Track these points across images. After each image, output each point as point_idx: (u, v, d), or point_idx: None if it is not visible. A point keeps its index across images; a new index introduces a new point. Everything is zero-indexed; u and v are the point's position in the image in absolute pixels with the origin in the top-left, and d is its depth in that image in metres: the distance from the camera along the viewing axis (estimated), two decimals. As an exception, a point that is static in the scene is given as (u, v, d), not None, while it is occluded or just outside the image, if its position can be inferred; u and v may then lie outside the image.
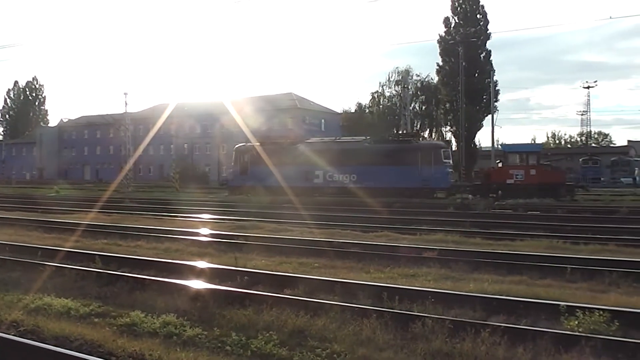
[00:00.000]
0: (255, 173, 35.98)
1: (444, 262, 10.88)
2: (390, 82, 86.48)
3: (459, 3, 59.86)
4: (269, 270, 10.29)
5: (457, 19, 59.82)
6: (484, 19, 59.62)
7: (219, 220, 20.48)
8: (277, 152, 36.03)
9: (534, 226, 17.34)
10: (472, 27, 57.40)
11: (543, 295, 8.19)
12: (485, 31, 59.26)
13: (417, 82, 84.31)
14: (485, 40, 59.18)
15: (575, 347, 5.79)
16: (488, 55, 59.46)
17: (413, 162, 33.16)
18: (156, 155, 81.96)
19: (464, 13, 59.49)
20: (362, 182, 33.61)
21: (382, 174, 33.30)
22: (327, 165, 34.67)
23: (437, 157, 33.34)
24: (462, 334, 6.24)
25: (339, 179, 34.79)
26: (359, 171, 34.20)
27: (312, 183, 35.20)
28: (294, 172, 34.51)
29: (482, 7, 59.59)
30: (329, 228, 17.02)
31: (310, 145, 37.25)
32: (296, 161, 35.17)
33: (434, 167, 33.00)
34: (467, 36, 55.62)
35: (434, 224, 17.82)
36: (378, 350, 6.04)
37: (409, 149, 34.45)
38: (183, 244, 13.89)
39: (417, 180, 32.87)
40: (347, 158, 34.65)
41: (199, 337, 6.58)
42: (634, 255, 11.67)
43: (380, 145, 35.84)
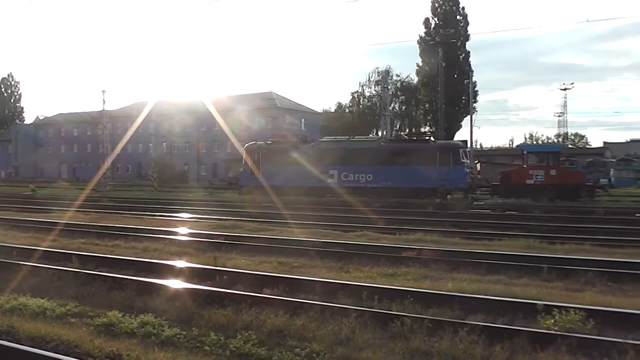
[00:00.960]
0: (267, 172, 34.99)
1: (423, 262, 10.95)
2: (370, 82, 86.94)
3: (439, 4, 60.28)
4: (248, 269, 10.25)
5: (437, 20, 60.23)
6: (463, 21, 60.12)
7: (199, 220, 20.37)
8: (289, 151, 35.16)
9: (512, 226, 17.51)
10: (451, 28, 57.84)
11: (520, 294, 8.28)
12: (465, 32, 59.78)
13: (397, 82, 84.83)
14: (464, 42, 59.69)
15: (552, 345, 5.87)
16: (467, 57, 59.99)
17: (431, 162, 32.31)
18: (134, 154, 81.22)
19: (443, 14, 59.92)
20: (378, 182, 33.18)
21: (399, 174, 32.67)
22: (341, 164, 34.02)
23: (455, 156, 32.54)
24: (440, 332, 6.28)
25: (354, 179, 33.99)
26: (375, 171, 33.45)
27: (326, 183, 34.23)
28: (307, 172, 33.68)
29: (462, 8, 60.11)
30: (310, 227, 17.01)
31: (324, 144, 36.47)
32: (309, 160, 34.12)
33: (452, 167, 32.18)
34: (447, 37, 56.02)
35: (413, 223, 17.90)
36: (357, 350, 6.06)
37: (427, 148, 33.61)
38: (162, 244, 13.79)
39: (435, 181, 32.02)
40: (363, 158, 33.73)
41: (178, 337, 6.55)
42: (608, 254, 11.86)
43: (397, 145, 35.29)
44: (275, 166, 34.64)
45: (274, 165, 34.77)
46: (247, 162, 36.64)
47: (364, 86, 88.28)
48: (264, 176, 34.73)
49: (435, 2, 60.29)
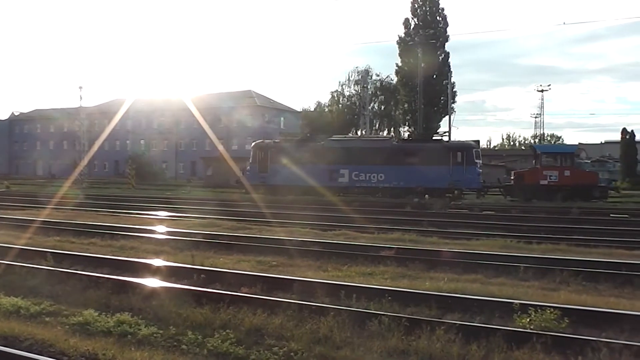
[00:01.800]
0: (276, 171, 34.61)
1: (400, 261, 11.00)
2: (349, 82, 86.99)
3: (419, 5, 60.46)
4: (226, 268, 10.21)
5: (416, 21, 60.38)
6: (443, 22, 60.35)
7: (177, 218, 20.24)
8: (299, 149, 34.91)
9: (489, 226, 17.67)
10: (431, 29, 58.08)
11: (497, 293, 8.36)
12: (444, 33, 60.02)
13: (377, 82, 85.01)
14: (444, 43, 59.92)
15: (527, 344, 5.93)
16: (446, 57, 60.23)
17: (444, 162, 32.32)
18: (112, 151, 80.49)
19: (423, 15, 60.11)
20: (390, 182, 32.99)
21: (412, 173, 32.44)
22: (353, 164, 33.73)
23: (468, 157, 32.48)
24: (417, 331, 6.32)
25: (366, 179, 33.72)
26: (387, 171, 33.17)
27: (337, 182, 33.97)
28: (318, 171, 33.37)
29: (441, 9, 60.34)
30: (289, 226, 17.00)
31: (335, 143, 35.99)
32: (320, 159, 33.82)
33: (466, 168, 32.19)
34: (426, 38, 56.27)
35: (392, 223, 17.97)
36: (335, 349, 6.06)
37: (440, 148, 33.60)
38: (139, 242, 13.68)
39: (449, 181, 32.11)
40: (375, 157, 33.50)
41: (154, 336, 6.49)
42: (583, 254, 12.03)
43: (410, 145, 35.00)
44: (284, 165, 34.18)
45: (283, 164, 34.28)
46: (254, 161, 36.19)
47: (343, 85, 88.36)
48: (272, 175, 34.45)
49: (415, 2, 60.46)
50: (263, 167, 35.37)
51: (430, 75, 56.72)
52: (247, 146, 72.74)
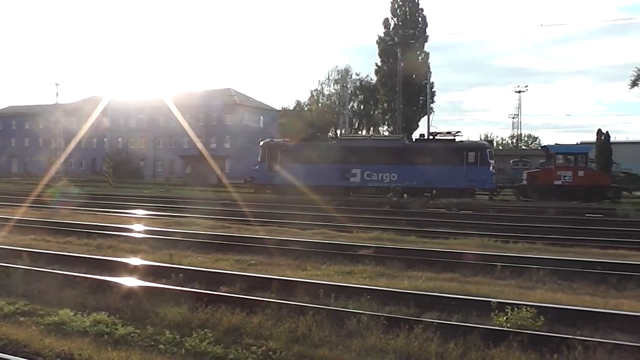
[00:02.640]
0: (285, 171, 34.10)
1: (379, 260, 11.05)
2: (329, 81, 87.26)
3: (399, 5, 60.75)
4: (204, 267, 10.17)
5: (396, 21, 60.68)
6: (422, 22, 60.71)
7: (154, 217, 20.07)
8: (310, 148, 34.55)
9: (467, 225, 17.80)
10: (410, 29, 58.43)
11: (474, 292, 8.43)
12: (424, 34, 60.40)
13: (356, 81, 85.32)
14: (423, 43, 60.29)
15: (504, 342, 5.98)
16: (426, 58, 60.60)
17: (458, 162, 32.26)
18: (89, 149, 79.63)
19: (403, 15, 60.42)
20: (403, 181, 32.75)
21: (425, 173, 32.29)
22: (365, 163, 33.49)
23: (483, 157, 32.44)
24: (396, 330, 6.35)
25: (378, 178, 33.50)
26: (400, 170, 32.98)
27: (348, 182, 33.85)
28: (329, 171, 33.30)
29: (421, 10, 60.70)
30: (268, 225, 16.96)
31: (347, 142, 35.84)
32: (331, 159, 33.58)
33: (479, 168, 32.18)
34: (406, 38, 56.61)
35: (370, 222, 18.02)
36: (314, 347, 6.07)
37: (454, 148, 33.38)
38: (116, 241, 13.56)
39: (462, 181, 32.06)
40: (388, 156, 33.26)
41: (132, 335, 6.44)
42: (559, 253, 12.18)
43: (423, 144, 34.72)
44: (295, 164, 33.92)
45: (294, 163, 34.02)
46: (263, 160, 35.68)
47: (323, 84, 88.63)
48: (282, 174, 34.03)
49: (395, 2, 60.75)
50: (272, 167, 34.94)
51: (410, 75, 57.05)
52: (225, 144, 72.90)
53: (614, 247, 13.02)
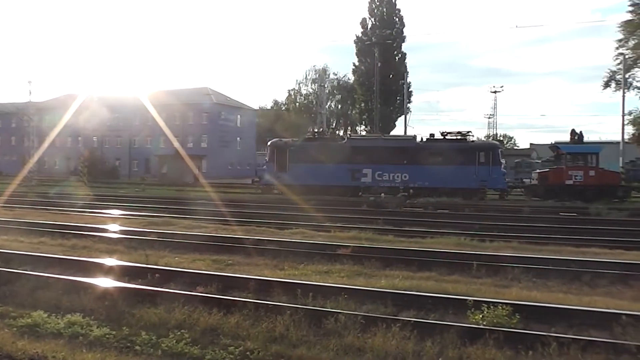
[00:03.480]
0: (295, 170, 33.73)
1: (357, 259, 11.07)
2: (307, 80, 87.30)
3: (376, 5, 60.98)
4: (181, 267, 10.10)
5: (374, 21, 60.92)
6: (400, 22, 61.03)
7: (130, 217, 19.87)
8: (320, 148, 34.13)
9: (444, 224, 17.92)
10: (388, 29, 58.68)
11: (451, 290, 8.49)
12: (401, 34, 60.72)
13: (334, 81, 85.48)
14: (400, 43, 60.63)
15: (480, 339, 6.04)
16: (403, 58, 60.97)
17: (470, 162, 32.15)
18: (63, 148, 78.46)
19: (380, 15, 60.67)
20: (414, 181, 32.69)
21: (437, 173, 32.09)
22: (376, 163, 33.26)
23: (495, 157, 32.39)
24: (373, 329, 6.37)
25: (390, 178, 33.23)
26: (412, 170, 32.77)
27: (359, 182, 33.55)
28: (340, 170, 33.03)
29: (398, 10, 61.00)
30: (245, 225, 16.90)
31: (357, 142, 35.47)
32: (342, 159, 33.24)
33: (491, 168, 32.14)
34: (383, 38, 56.83)
35: (348, 221, 18.05)
36: (291, 347, 6.06)
37: (466, 148, 33.16)
38: (91, 241, 13.40)
39: (475, 181, 31.98)
40: (399, 156, 33.09)
41: (107, 337, 6.38)
42: (534, 252, 12.32)
43: (435, 144, 34.36)
44: (305, 164, 33.63)
45: (303, 163, 33.72)
46: (271, 160, 35.23)
47: (300, 84, 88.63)
48: (292, 174, 33.71)
49: (372, 3, 60.97)
50: (281, 167, 34.50)
51: (387, 75, 57.36)
52: (202, 144, 72.47)
53: (587, 245, 13.22)
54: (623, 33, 46.69)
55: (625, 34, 46.56)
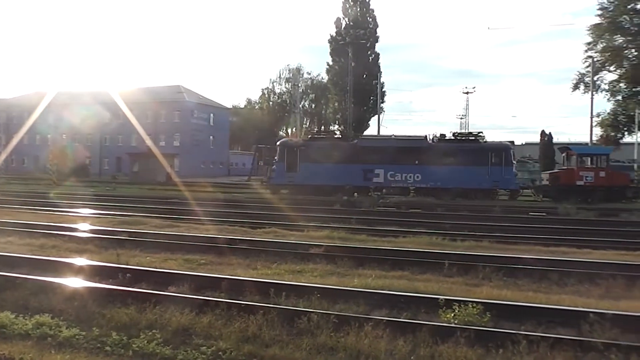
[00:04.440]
0: (306, 170, 33.51)
1: (329, 258, 11.10)
2: (281, 79, 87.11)
3: (350, 5, 61.12)
4: (153, 267, 10.01)
5: (347, 21, 61.03)
6: (373, 22, 61.25)
7: (101, 216, 19.62)
8: (331, 148, 33.99)
9: (416, 223, 18.04)
10: (361, 29, 58.87)
11: (422, 289, 8.56)
12: (375, 34, 60.96)
13: (308, 80, 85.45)
14: (374, 43, 60.85)
15: (451, 338, 6.10)
16: (376, 58, 61.20)
17: (483, 163, 32.24)
18: (32, 146, 77.14)
19: (354, 15, 60.82)
20: (427, 182, 32.67)
21: (450, 174, 32.18)
22: (388, 163, 33.13)
23: (507, 157, 32.57)
24: (346, 328, 6.40)
25: (402, 179, 33.16)
26: (424, 171, 32.72)
27: (371, 182, 33.43)
28: (351, 171, 32.90)
29: (371, 10, 61.23)
30: (217, 224, 16.82)
31: (369, 142, 35.28)
32: (354, 159, 33.20)
33: (504, 168, 32.29)
34: (357, 38, 57.01)
35: (321, 220, 18.06)
36: (264, 347, 6.05)
37: (478, 148, 33.33)
38: (60, 240, 13.20)
39: (487, 181, 32.09)
40: (411, 156, 33.06)
41: (77, 337, 6.29)
42: (504, 251, 12.50)
43: (447, 144, 34.36)
44: (315, 164, 33.36)
45: (314, 163, 33.45)
46: (281, 159, 34.82)
47: (274, 83, 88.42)
48: (302, 174, 33.53)
49: (346, 2, 61.09)
50: (292, 166, 34.23)
51: (361, 74, 57.55)
52: (175, 142, 71.85)
53: (556, 244, 13.44)
54: (592, 36, 47.59)
55: (593, 37, 47.46)
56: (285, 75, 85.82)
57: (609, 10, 45.98)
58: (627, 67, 46.50)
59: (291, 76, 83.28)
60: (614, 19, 45.74)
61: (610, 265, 10.25)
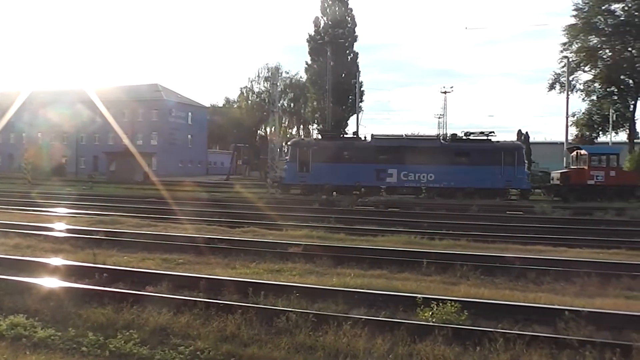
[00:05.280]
0: (318, 170, 33.20)
1: (308, 257, 11.10)
2: (259, 78, 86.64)
3: (329, 4, 61.10)
4: (130, 266, 9.92)
5: (326, 20, 61.01)
6: (352, 22, 61.31)
7: (77, 215, 19.39)
8: (344, 148, 33.89)
9: (394, 222, 18.11)
10: (340, 28, 58.89)
11: (401, 288, 8.60)
12: (353, 33, 61.02)
13: (287, 79, 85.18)
14: (352, 42, 60.92)
15: (429, 336, 6.14)
16: (355, 57, 61.26)
17: (496, 162, 32.25)
18: (6, 144, 76.04)
19: (333, 14, 60.82)
20: (440, 181, 32.60)
21: (463, 173, 32.20)
22: (401, 163, 32.94)
23: (519, 157, 32.72)
24: (325, 327, 6.40)
25: (415, 178, 33.01)
26: (438, 170, 32.71)
27: (384, 182, 33.05)
28: (365, 170, 32.75)
29: (350, 9, 61.28)
30: (196, 223, 16.72)
31: (382, 142, 34.83)
32: (367, 158, 33.09)
33: (516, 168, 32.40)
34: (336, 37, 57.04)
35: (300, 219, 18.05)
36: (242, 346, 6.03)
37: (491, 148, 33.30)
38: (36, 240, 13.02)
39: (500, 181, 32.11)
40: (424, 156, 32.80)
41: (52, 338, 6.21)
42: (482, 249, 12.61)
43: (461, 144, 34.29)
44: (328, 164, 33.15)
45: (327, 162, 33.22)
46: (293, 159, 34.54)
47: (253, 82, 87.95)
48: (315, 174, 33.27)
49: (325, 2, 61.06)
50: (304, 166, 33.99)
51: (339, 74, 57.57)
52: (152, 141, 71.29)
53: (532, 243, 13.60)
54: (567, 37, 48.24)
55: (569, 37, 48.11)
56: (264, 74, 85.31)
57: (584, 11, 46.67)
58: (601, 67, 47.23)
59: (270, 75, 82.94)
60: (588, 19, 46.44)
61: (585, 264, 10.39)
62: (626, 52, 46.34)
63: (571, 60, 46.46)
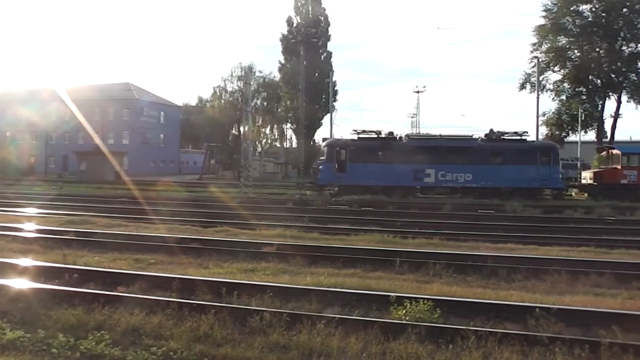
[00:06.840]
0: (355, 171, 32.78)
1: (282, 257, 11.09)
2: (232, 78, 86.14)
3: (302, 4, 61.15)
4: (101, 267, 9.80)
5: (299, 19, 61.09)
6: (325, 21, 61.49)
7: (46, 215, 19.08)
8: (381, 148, 33.49)
9: (368, 221, 18.17)
10: (313, 28, 58.99)
11: (374, 286, 8.64)
12: (326, 33, 61.21)
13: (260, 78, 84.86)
14: (325, 42, 61.11)
15: (403, 334, 6.17)
16: (328, 57, 61.50)
17: (532, 162, 32.20)
18: (-28, 144, 74.36)
19: (306, 14, 60.90)
20: (478, 181, 32.40)
21: (500, 173, 32.08)
22: (439, 163, 32.71)
23: (555, 156, 32.70)
24: (298, 326, 6.39)
25: (453, 179, 32.77)
26: (475, 170, 32.55)
27: (422, 182, 32.97)
28: (402, 171, 32.31)
29: (323, 9, 61.45)
30: (168, 223, 16.58)
31: (418, 142, 34.62)
32: (404, 158, 32.53)
33: (552, 167, 32.37)
34: (309, 36, 57.10)
35: (273, 219, 18.02)
36: (215, 346, 6.00)
37: (527, 148, 33.40)
38: (4, 241, 12.78)
39: (536, 180, 32.11)
40: (462, 156, 32.67)
41: (21, 340, 6.10)
42: (454, 248, 12.72)
43: (497, 144, 33.94)
44: (365, 164, 32.84)
45: (363, 163, 32.90)
46: (329, 160, 33.91)
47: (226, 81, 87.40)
48: (351, 175, 32.83)
49: (298, 1, 61.09)
50: (341, 167, 33.46)
51: (313, 73, 57.71)
52: (124, 140, 70.47)
53: (503, 241, 13.76)
54: (537, 37, 49.04)
55: (538, 38, 48.92)
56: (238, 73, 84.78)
57: (553, 11, 47.52)
58: (570, 67, 48.13)
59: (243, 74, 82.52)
60: (557, 20, 47.29)
61: (555, 261, 10.55)
62: (594, 52, 47.30)
63: (541, 61, 47.23)
